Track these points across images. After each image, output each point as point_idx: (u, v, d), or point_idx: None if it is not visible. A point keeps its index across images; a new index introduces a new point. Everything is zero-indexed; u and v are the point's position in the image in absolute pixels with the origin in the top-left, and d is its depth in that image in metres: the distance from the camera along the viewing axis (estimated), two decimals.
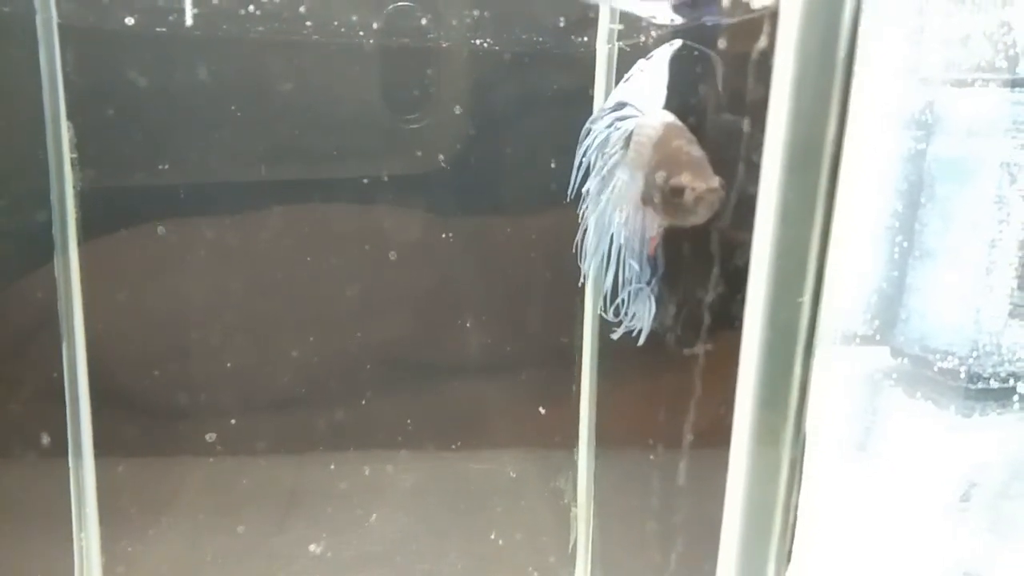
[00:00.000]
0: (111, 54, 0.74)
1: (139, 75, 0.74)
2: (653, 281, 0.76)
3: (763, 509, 0.47)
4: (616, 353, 0.83)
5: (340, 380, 0.90)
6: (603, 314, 0.77)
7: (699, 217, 0.69)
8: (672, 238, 0.73)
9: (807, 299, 0.46)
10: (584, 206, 0.80)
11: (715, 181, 0.66)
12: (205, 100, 0.78)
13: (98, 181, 0.75)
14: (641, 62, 0.76)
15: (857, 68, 0.43)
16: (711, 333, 0.65)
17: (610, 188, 0.77)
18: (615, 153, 0.78)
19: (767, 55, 0.44)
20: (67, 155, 0.73)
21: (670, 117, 0.74)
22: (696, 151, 0.70)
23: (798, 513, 0.48)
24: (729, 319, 0.54)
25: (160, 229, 0.80)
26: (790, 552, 0.48)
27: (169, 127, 0.79)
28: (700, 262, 0.66)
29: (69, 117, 0.72)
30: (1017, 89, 1.04)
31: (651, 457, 0.74)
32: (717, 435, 0.51)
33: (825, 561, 0.94)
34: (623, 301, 0.76)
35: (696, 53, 0.72)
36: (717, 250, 0.64)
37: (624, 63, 0.78)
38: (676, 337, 0.73)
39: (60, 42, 0.70)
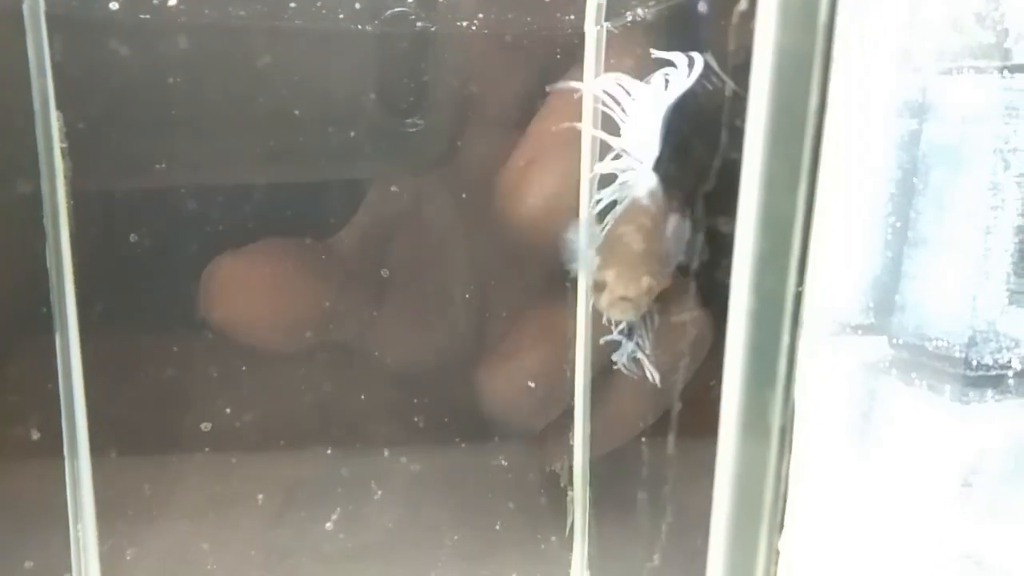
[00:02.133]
0: (98, 41, 0.74)
1: (126, 61, 0.75)
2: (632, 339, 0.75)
3: (754, 479, 0.47)
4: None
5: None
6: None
7: (614, 316, 0.69)
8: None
9: (793, 272, 0.46)
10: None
11: (634, 289, 0.65)
12: (193, 86, 0.78)
13: (88, 170, 0.75)
14: (631, 103, 0.74)
15: (848, 54, 0.43)
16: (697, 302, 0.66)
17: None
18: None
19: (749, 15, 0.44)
20: (57, 144, 0.73)
21: (649, 185, 0.73)
22: (638, 244, 0.69)
23: (789, 482, 0.47)
24: (716, 292, 0.53)
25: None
26: (782, 522, 0.48)
27: (158, 116, 0.79)
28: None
29: (58, 107, 0.72)
30: (1009, 75, 1.04)
31: (643, 439, 0.74)
32: (709, 413, 0.51)
33: (828, 545, 0.94)
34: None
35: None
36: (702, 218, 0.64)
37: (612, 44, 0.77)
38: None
39: (48, 30, 0.70)
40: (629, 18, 0.75)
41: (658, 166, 0.71)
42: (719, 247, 0.60)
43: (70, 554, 0.81)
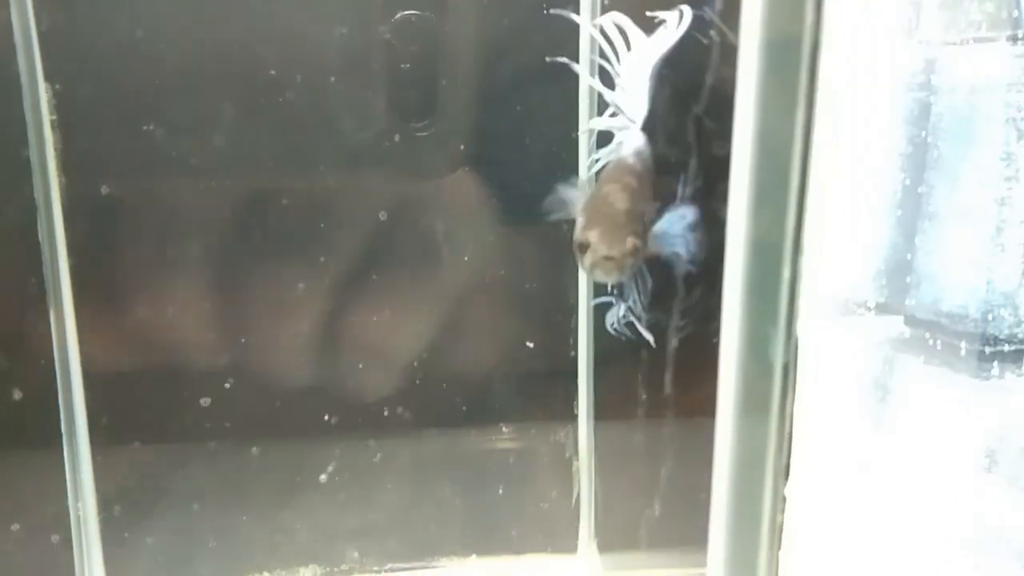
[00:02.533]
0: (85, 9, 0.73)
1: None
2: (626, 301, 0.74)
3: (755, 444, 0.45)
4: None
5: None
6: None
7: (597, 277, 0.67)
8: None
9: (790, 237, 0.44)
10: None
11: (618, 249, 0.64)
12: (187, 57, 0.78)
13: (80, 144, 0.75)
14: (625, 55, 0.73)
15: (853, 26, 0.42)
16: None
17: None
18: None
19: None
20: (46, 117, 0.73)
21: (636, 144, 0.72)
22: (623, 203, 0.67)
23: (791, 449, 0.45)
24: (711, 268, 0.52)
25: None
26: (787, 468, 0.46)
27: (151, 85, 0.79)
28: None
29: (47, 79, 0.72)
30: (1020, 43, 1.02)
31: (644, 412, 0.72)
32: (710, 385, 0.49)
33: (845, 526, 0.92)
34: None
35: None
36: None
37: None
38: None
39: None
40: None
41: (647, 124, 0.70)
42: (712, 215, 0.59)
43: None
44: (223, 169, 0.81)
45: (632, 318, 0.72)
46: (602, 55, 0.72)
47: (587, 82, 0.78)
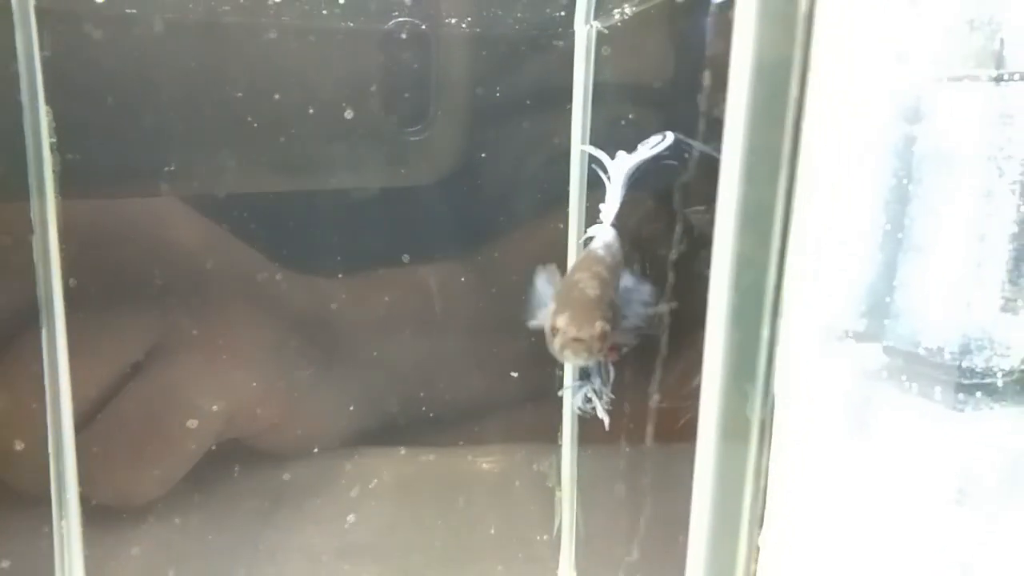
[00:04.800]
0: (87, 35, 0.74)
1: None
2: (590, 384, 0.76)
3: (734, 473, 0.46)
4: None
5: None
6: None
7: (567, 359, 0.70)
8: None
9: (773, 265, 0.46)
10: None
11: (587, 332, 0.67)
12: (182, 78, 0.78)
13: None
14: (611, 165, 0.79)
15: (840, 58, 0.43)
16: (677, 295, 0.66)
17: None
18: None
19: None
20: (46, 139, 0.73)
21: (607, 238, 0.78)
22: (593, 290, 0.70)
23: (769, 477, 0.47)
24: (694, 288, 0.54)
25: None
26: (762, 516, 0.48)
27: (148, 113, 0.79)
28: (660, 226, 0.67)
29: (48, 102, 0.72)
30: (1004, 82, 1.04)
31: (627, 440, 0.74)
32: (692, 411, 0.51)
33: (820, 553, 0.93)
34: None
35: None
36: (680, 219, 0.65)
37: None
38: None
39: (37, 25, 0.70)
40: (617, 17, 0.76)
41: (616, 222, 0.77)
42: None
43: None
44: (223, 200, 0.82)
45: (593, 396, 0.75)
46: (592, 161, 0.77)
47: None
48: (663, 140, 0.77)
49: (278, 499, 0.91)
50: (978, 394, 1.05)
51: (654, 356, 0.74)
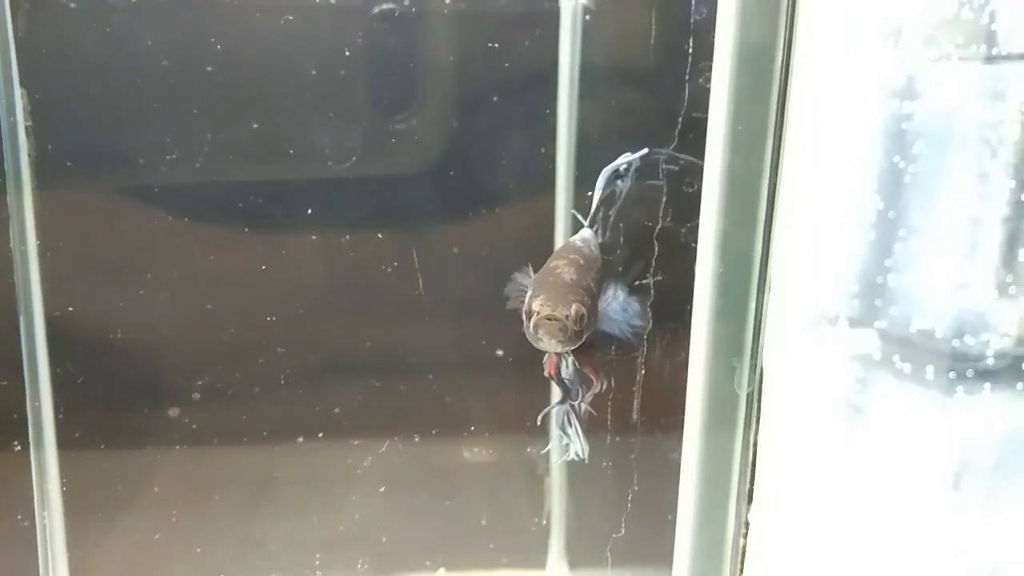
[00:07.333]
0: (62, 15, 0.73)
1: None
2: (570, 401, 0.75)
3: (722, 444, 0.45)
4: None
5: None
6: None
7: (544, 344, 0.69)
8: None
9: (759, 238, 0.45)
10: None
11: (562, 311, 0.66)
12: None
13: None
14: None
15: (830, 39, 0.42)
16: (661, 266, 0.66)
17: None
18: None
19: None
20: (21, 122, 0.72)
21: (585, 234, 0.79)
22: (569, 274, 0.70)
23: (755, 475, 0.46)
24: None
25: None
26: (751, 492, 0.47)
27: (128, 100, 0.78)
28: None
29: (22, 84, 0.71)
30: (996, 62, 1.03)
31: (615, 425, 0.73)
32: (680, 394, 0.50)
33: (813, 540, 0.93)
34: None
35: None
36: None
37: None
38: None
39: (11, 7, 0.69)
40: None
41: (592, 222, 0.79)
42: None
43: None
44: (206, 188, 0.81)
45: (574, 420, 0.75)
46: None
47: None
48: (643, 152, 0.79)
49: (263, 489, 0.90)
50: (972, 378, 1.04)
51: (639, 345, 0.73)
